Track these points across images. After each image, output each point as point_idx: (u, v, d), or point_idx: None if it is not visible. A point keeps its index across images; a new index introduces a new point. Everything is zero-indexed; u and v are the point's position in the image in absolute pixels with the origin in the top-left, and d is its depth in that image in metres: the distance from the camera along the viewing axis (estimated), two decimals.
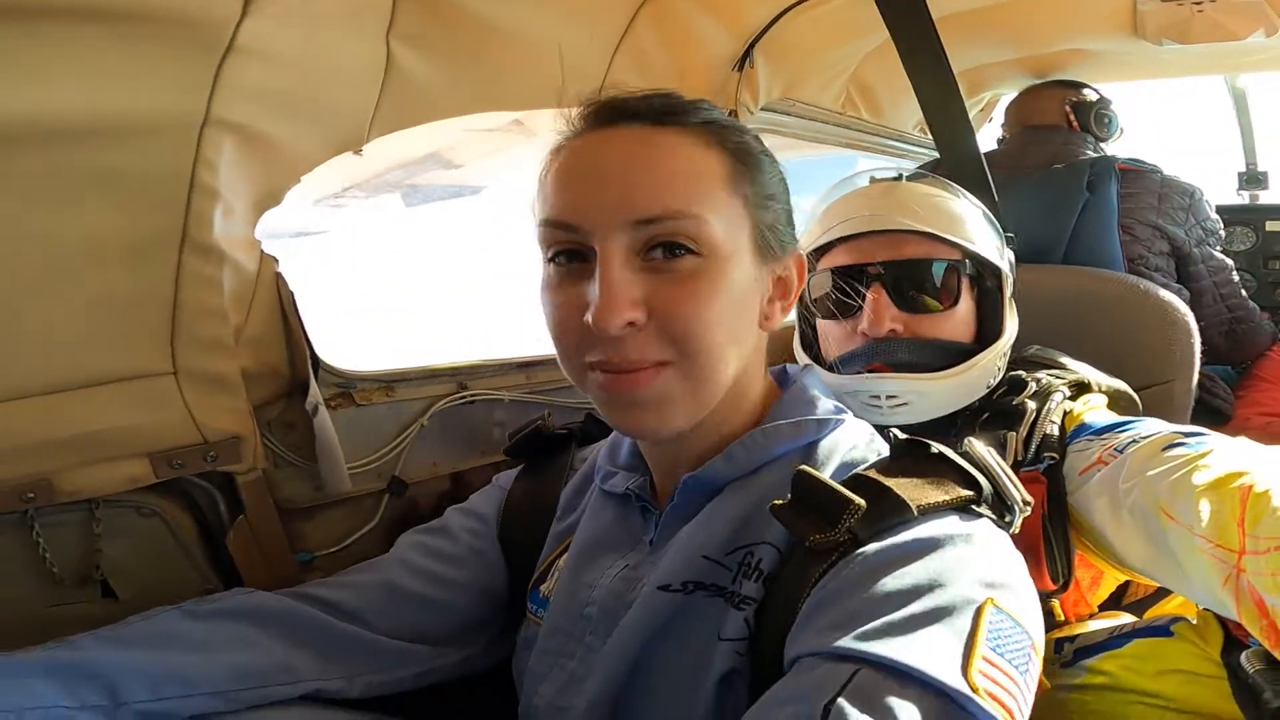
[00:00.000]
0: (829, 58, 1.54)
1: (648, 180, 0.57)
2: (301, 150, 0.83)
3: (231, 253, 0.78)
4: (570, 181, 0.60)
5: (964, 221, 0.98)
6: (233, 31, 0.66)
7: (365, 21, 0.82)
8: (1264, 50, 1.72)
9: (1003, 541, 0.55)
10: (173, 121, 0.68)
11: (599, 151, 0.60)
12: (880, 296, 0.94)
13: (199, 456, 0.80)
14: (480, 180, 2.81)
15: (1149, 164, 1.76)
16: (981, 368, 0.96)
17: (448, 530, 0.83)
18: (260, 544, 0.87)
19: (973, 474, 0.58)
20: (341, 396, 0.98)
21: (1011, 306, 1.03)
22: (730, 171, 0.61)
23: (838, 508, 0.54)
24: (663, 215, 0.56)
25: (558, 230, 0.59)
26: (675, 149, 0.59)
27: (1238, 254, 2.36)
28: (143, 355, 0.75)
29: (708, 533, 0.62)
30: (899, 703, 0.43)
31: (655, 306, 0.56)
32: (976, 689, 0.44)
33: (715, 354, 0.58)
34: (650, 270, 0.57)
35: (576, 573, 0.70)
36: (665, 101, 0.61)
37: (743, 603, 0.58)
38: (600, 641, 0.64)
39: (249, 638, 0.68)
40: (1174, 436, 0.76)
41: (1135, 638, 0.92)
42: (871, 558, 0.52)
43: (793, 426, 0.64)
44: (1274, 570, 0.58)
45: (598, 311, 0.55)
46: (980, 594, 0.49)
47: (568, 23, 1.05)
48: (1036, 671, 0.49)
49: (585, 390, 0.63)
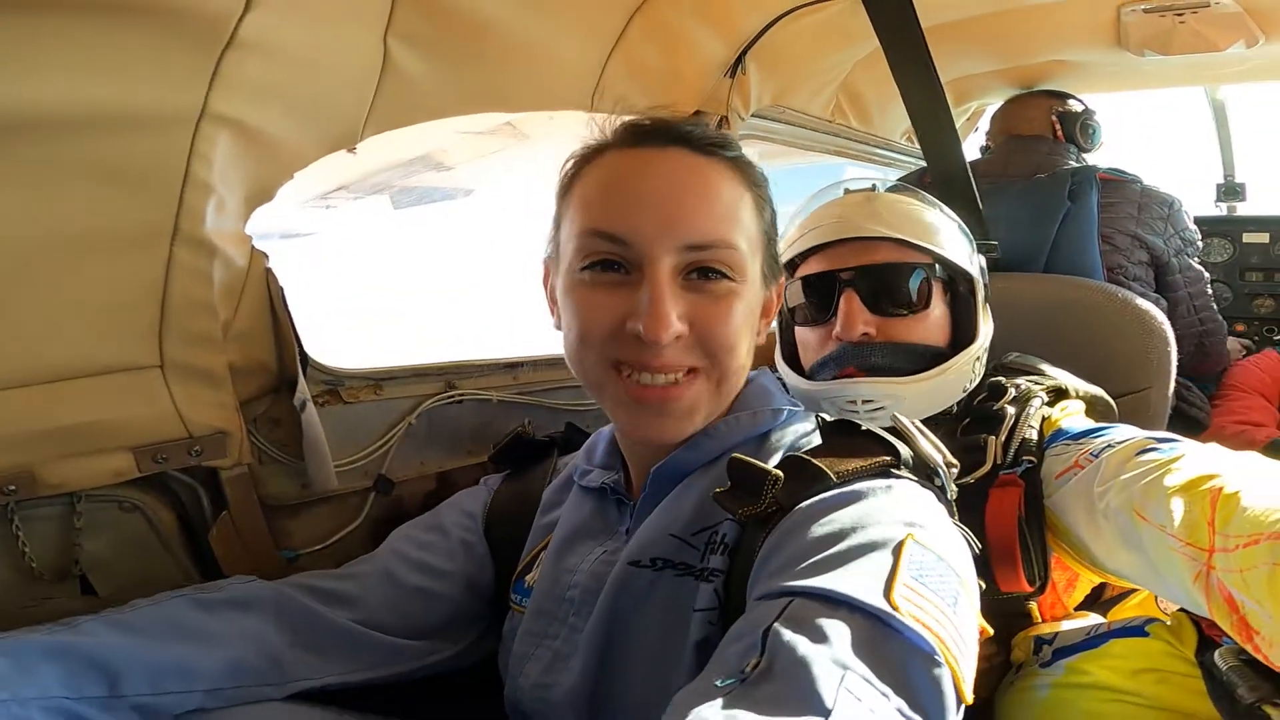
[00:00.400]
0: (820, 65, 1.56)
1: (701, 209, 0.63)
2: (296, 146, 0.83)
3: (222, 247, 0.77)
4: (620, 196, 0.64)
5: (934, 229, 1.00)
6: (235, 25, 0.67)
7: (364, 19, 0.82)
8: (1244, 62, 1.76)
9: (922, 492, 0.60)
10: (169, 114, 0.68)
11: (650, 170, 0.65)
12: (853, 301, 0.96)
13: (184, 451, 0.79)
14: (471, 183, 2.81)
15: (1129, 174, 1.79)
16: (956, 371, 0.98)
17: (440, 525, 0.86)
18: (244, 541, 0.86)
19: (891, 442, 0.63)
20: (329, 394, 0.98)
21: (986, 311, 1.05)
22: (754, 207, 0.68)
23: (760, 482, 0.60)
24: (712, 244, 0.63)
25: (604, 241, 0.63)
26: (721, 182, 0.65)
27: (1215, 265, 2.41)
28: (130, 348, 0.74)
29: (673, 513, 0.67)
30: (828, 622, 0.47)
31: (695, 321, 0.63)
32: (898, 608, 0.47)
33: (737, 363, 0.66)
34: (689, 288, 0.63)
35: (558, 559, 0.74)
36: (708, 133, 0.68)
37: (711, 575, 0.62)
38: (582, 622, 0.68)
39: (250, 631, 0.69)
40: (1147, 442, 0.79)
41: (1112, 638, 0.93)
42: (801, 511, 0.57)
43: (750, 417, 0.70)
44: (1243, 566, 0.60)
45: (651, 323, 0.60)
46: (900, 531, 0.53)
47: (563, 27, 1.06)
48: (970, 611, 0.52)
49: (597, 389, 0.67)
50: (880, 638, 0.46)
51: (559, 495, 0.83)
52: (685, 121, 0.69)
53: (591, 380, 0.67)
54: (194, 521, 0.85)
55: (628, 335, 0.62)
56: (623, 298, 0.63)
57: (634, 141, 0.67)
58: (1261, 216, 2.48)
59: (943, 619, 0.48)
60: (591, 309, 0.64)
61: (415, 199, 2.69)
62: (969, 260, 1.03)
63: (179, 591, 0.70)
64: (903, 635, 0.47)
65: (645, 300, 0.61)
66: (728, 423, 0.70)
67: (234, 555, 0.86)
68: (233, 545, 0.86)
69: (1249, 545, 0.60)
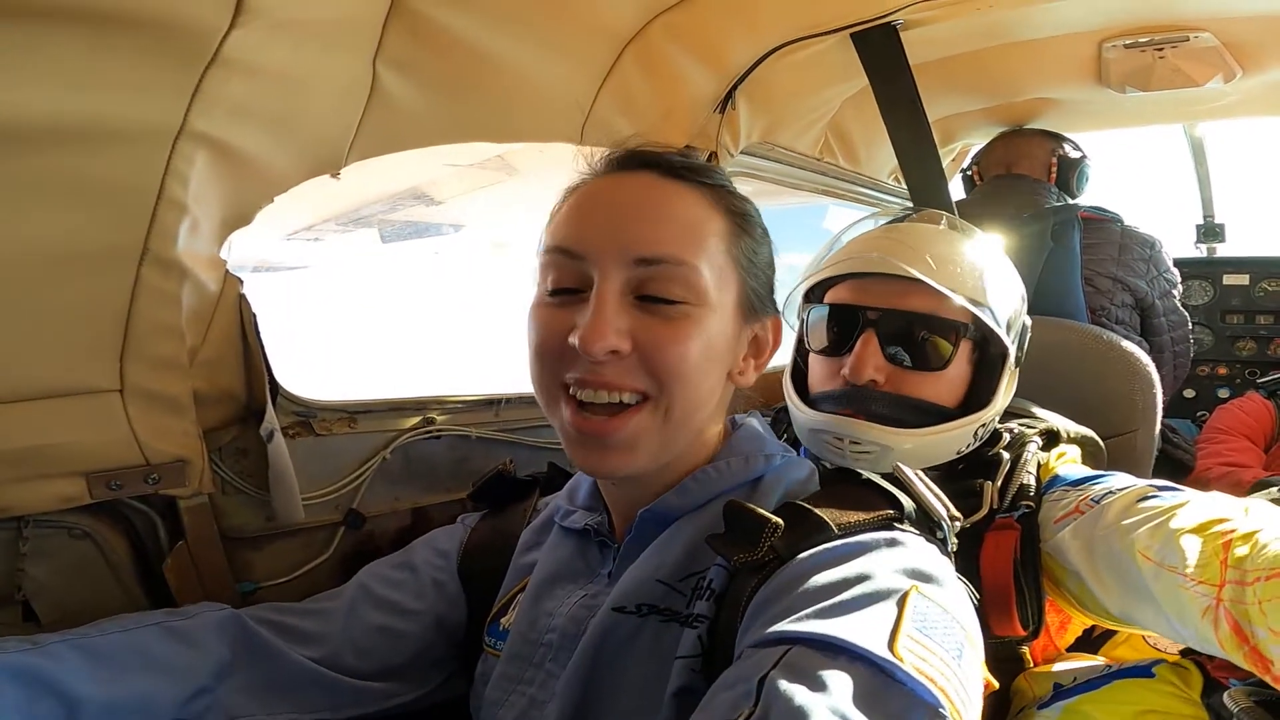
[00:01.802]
0: (809, 102, 1.58)
1: (652, 223, 0.62)
2: (277, 169, 0.81)
3: (194, 270, 0.75)
4: (581, 215, 0.64)
5: (982, 277, 0.94)
6: (219, 42, 0.65)
7: (353, 42, 0.81)
8: (1222, 97, 1.81)
9: (927, 546, 0.58)
10: (146, 130, 0.66)
11: (613, 191, 0.65)
12: (870, 344, 0.92)
13: (140, 479, 0.76)
14: (459, 218, 2.81)
15: (1110, 212, 1.82)
16: (955, 435, 0.94)
17: (410, 563, 0.84)
18: (200, 572, 0.83)
19: (894, 494, 0.61)
20: (301, 425, 0.95)
21: (1012, 377, 0.99)
22: (727, 231, 0.66)
23: (759, 529, 0.57)
24: (661, 259, 0.61)
25: (560, 256, 0.63)
26: (682, 200, 0.64)
27: (1196, 308, 2.44)
28: (88, 370, 0.71)
29: (661, 558, 0.65)
30: (828, 672, 0.44)
31: (640, 341, 0.60)
32: (901, 659, 0.45)
33: (689, 394, 0.62)
34: (640, 308, 0.61)
35: (536, 602, 0.72)
36: (682, 159, 0.67)
37: (696, 621, 0.60)
38: (559, 667, 0.66)
39: (215, 665, 0.68)
40: (1148, 490, 0.80)
41: (1115, 679, 0.91)
42: (802, 561, 0.55)
43: (742, 463, 0.69)
44: (1263, 598, 0.60)
45: (585, 333, 0.58)
46: (905, 583, 0.51)
47: (554, 58, 1.07)
48: (974, 664, 0.51)
49: (553, 417, 0.65)
50: (882, 689, 0.44)
51: (538, 536, 0.81)
52: (661, 149, 0.69)
53: (548, 407, 0.66)
54: (149, 550, 0.82)
55: (572, 351, 0.60)
56: (572, 314, 0.61)
57: (609, 169, 0.68)
58: (1241, 258, 2.52)
59: (947, 672, 0.46)
60: (544, 329, 0.63)
61: (403, 233, 2.68)
62: (1012, 320, 0.97)
63: (151, 615, 0.70)
64: (906, 687, 0.45)
65: (587, 310, 0.60)
66: (718, 467, 0.68)
67: (189, 586, 0.83)
68: (188, 576, 0.83)
69: (1272, 578, 0.60)
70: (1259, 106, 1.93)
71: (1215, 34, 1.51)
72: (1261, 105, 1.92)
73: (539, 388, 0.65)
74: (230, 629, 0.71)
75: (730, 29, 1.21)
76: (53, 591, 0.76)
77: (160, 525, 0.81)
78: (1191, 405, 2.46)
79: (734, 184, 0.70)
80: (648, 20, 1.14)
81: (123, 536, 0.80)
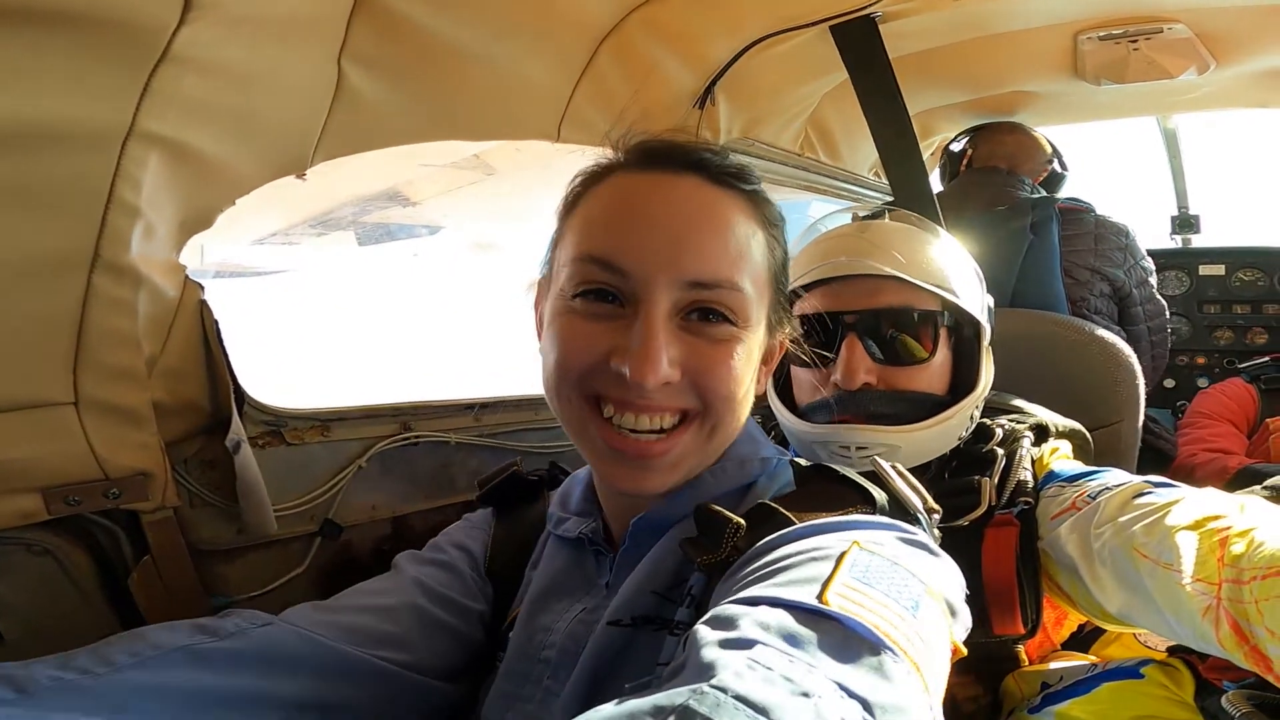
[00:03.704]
0: (788, 97, 1.57)
1: (709, 245, 0.58)
2: (238, 170, 0.78)
3: (150, 276, 0.72)
4: (624, 221, 0.59)
5: (946, 267, 0.96)
6: (168, 39, 0.62)
7: (316, 38, 0.78)
8: (1196, 89, 1.83)
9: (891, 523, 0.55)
10: (92, 132, 0.62)
11: (658, 197, 0.59)
12: (855, 348, 0.92)
13: (99, 493, 0.73)
14: (437, 219, 2.78)
15: (1084, 202, 1.83)
16: (956, 420, 0.95)
17: (449, 562, 0.78)
18: (168, 586, 0.81)
19: (867, 488, 0.58)
20: (271, 435, 0.93)
21: (988, 355, 1.02)
22: (766, 246, 0.63)
23: (722, 529, 0.55)
24: (717, 284, 0.58)
25: (600, 269, 0.58)
26: (732, 215, 0.60)
27: (1172, 298, 2.46)
28: (40, 382, 0.68)
29: (654, 569, 0.63)
30: (749, 611, 0.42)
31: (690, 366, 0.58)
32: (828, 603, 0.42)
33: (734, 414, 0.61)
34: (687, 330, 0.59)
35: (532, 617, 0.69)
36: (726, 162, 0.63)
37: (679, 627, 0.58)
38: (558, 685, 0.63)
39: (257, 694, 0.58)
40: (1144, 486, 0.79)
41: (1103, 681, 0.90)
42: (753, 550, 0.53)
43: (738, 468, 0.67)
44: (1261, 597, 0.60)
45: (638, 364, 0.55)
46: (846, 543, 0.48)
47: (529, 54, 1.04)
48: (935, 621, 0.46)
49: (576, 431, 0.62)
50: (810, 623, 0.40)
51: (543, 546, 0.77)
52: (703, 147, 0.63)
53: (569, 418, 0.62)
54: (115, 566, 0.79)
55: (612, 372, 0.57)
56: (612, 331, 0.58)
57: (646, 163, 0.62)
58: (1216, 248, 2.55)
59: (894, 619, 0.42)
60: (576, 338, 0.59)
61: (380, 235, 2.64)
62: (979, 302, 0.99)
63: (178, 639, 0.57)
64: (840, 622, 0.41)
65: (636, 338, 0.56)
66: (714, 473, 0.66)
67: (157, 602, 0.80)
68: (155, 591, 0.80)
69: (1268, 577, 0.60)
70: (1232, 98, 1.96)
71: (1189, 25, 1.52)
72: (1234, 97, 1.94)
73: (558, 397, 0.61)
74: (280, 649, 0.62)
75: (708, 23, 1.20)
76: (14, 609, 0.73)
77: (124, 540, 0.79)
78: (1171, 395, 2.48)
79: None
80: (624, 14, 1.12)
81: (85, 552, 0.77)
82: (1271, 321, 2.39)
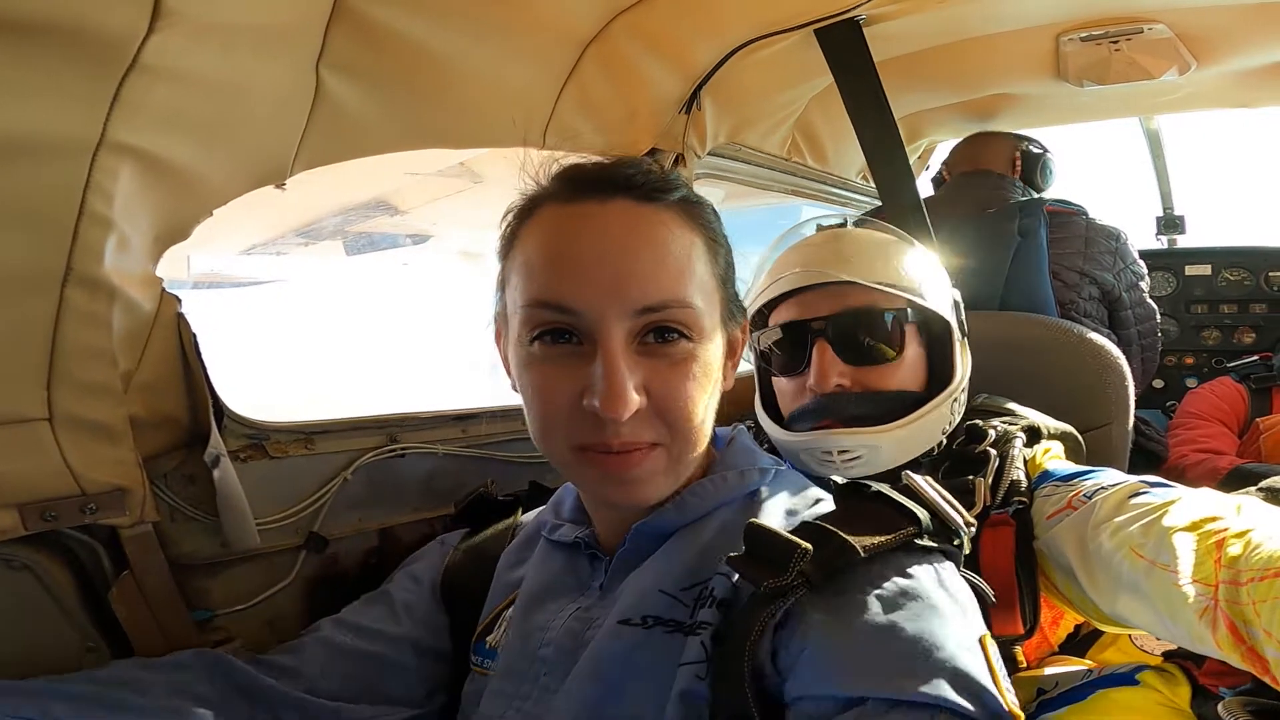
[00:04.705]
0: (775, 101, 1.57)
1: (651, 269, 0.60)
2: (214, 181, 0.77)
3: (124, 289, 0.71)
4: (563, 262, 0.60)
5: (907, 268, 0.98)
6: (137, 48, 0.61)
7: (292, 46, 0.77)
8: (1177, 90, 1.85)
9: (950, 567, 0.61)
10: (61, 143, 0.61)
11: (592, 229, 0.60)
12: (825, 352, 0.95)
13: (76, 509, 0.72)
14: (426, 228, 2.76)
15: (1075, 204, 1.83)
16: (934, 415, 0.96)
17: (385, 590, 0.85)
18: (149, 601, 0.79)
19: (911, 508, 0.61)
20: (253, 448, 0.91)
21: (964, 347, 1.04)
22: (706, 251, 0.64)
23: (787, 553, 0.57)
24: (665, 305, 0.60)
25: (552, 312, 0.59)
26: (668, 232, 0.61)
27: (1159, 299, 2.47)
28: (14, 398, 0.67)
29: (663, 570, 0.65)
30: None
31: (652, 389, 0.60)
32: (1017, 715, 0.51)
33: (699, 430, 0.64)
34: (644, 354, 0.60)
35: (526, 617, 0.71)
36: (652, 176, 0.63)
37: (700, 628, 0.60)
38: (556, 682, 0.64)
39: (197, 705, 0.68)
40: (1140, 486, 0.79)
41: (1099, 687, 0.89)
42: (845, 599, 0.56)
43: (738, 476, 0.69)
44: (1258, 599, 0.60)
45: (607, 400, 0.57)
46: (977, 626, 0.55)
47: (512, 60, 1.04)
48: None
49: (565, 468, 0.65)
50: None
51: (521, 553, 0.80)
52: (625, 165, 0.64)
53: (558, 463, 0.65)
54: (94, 581, 0.78)
55: (588, 416, 0.59)
56: (577, 372, 0.59)
57: (572, 193, 0.62)
58: (1202, 248, 2.56)
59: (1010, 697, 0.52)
60: (548, 390, 0.61)
61: (368, 245, 2.62)
62: (944, 298, 1.02)
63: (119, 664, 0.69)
64: None
65: (599, 376, 0.58)
66: (714, 481, 0.68)
67: (138, 616, 0.79)
68: (136, 606, 0.79)
69: (1265, 579, 0.60)
70: (1214, 99, 1.97)
71: (1169, 25, 1.53)
72: (1216, 98, 1.95)
73: (551, 452, 0.64)
74: (213, 668, 0.71)
75: (692, 28, 1.20)
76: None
77: (104, 555, 0.78)
78: (1160, 395, 2.49)
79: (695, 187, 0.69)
80: (608, 20, 1.12)
81: (65, 568, 0.76)
82: (1258, 320, 2.40)
